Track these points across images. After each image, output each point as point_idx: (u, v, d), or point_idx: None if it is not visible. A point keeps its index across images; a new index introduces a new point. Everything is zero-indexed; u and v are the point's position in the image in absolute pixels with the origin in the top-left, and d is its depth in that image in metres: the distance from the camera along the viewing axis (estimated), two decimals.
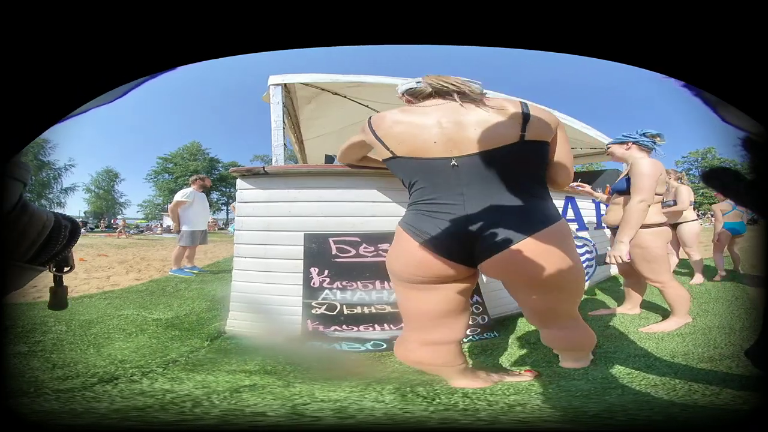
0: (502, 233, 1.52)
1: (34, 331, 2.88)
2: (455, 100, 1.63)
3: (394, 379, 2.01)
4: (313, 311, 2.79)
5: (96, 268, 6.95)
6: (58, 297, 0.89)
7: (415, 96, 1.75)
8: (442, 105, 1.64)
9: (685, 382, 1.78)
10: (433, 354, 1.77)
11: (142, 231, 30.75)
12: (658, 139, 3.04)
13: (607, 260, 2.77)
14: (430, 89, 1.70)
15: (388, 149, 1.68)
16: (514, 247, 1.51)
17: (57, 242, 0.76)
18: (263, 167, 3.00)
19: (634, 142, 3.05)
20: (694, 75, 0.58)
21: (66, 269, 0.85)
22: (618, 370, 1.99)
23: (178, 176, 48.94)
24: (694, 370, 1.96)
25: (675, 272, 5.05)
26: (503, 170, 1.55)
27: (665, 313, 3.20)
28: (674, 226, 4.84)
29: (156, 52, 0.60)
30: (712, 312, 3.30)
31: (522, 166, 1.59)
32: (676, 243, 5.09)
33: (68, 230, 0.78)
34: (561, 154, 1.72)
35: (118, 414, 1.48)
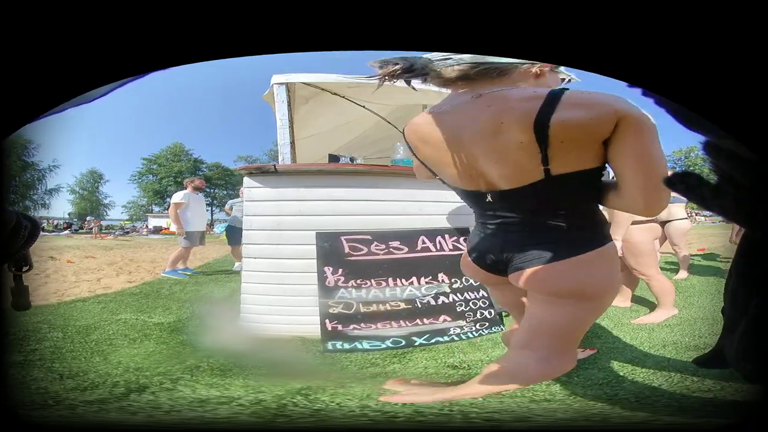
0: (522, 258, 1.38)
1: (28, 338, 2.79)
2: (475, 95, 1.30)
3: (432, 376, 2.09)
4: (331, 310, 2.77)
5: (85, 270, 6.82)
6: (20, 297, 0.90)
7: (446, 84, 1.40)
8: (459, 108, 1.33)
9: (677, 372, 1.89)
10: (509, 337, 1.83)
11: (127, 232, 30.32)
12: None
13: None
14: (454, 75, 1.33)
15: (431, 171, 1.54)
16: (527, 270, 1.37)
17: (16, 241, 0.78)
18: (274, 165, 2.97)
19: None
20: (654, 82, 0.59)
21: (25, 268, 0.89)
22: (620, 360, 2.10)
23: (162, 177, 48.72)
24: (680, 360, 2.08)
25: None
26: (536, 203, 1.32)
27: (653, 306, 3.36)
28: (662, 223, 4.94)
29: (142, 53, 0.59)
30: (696, 305, 3.54)
31: (553, 201, 1.31)
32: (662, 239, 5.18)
33: (28, 230, 0.79)
34: (640, 165, 1.12)
35: (167, 421, 1.44)
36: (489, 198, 1.37)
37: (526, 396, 1.68)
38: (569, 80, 1.45)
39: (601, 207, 1.38)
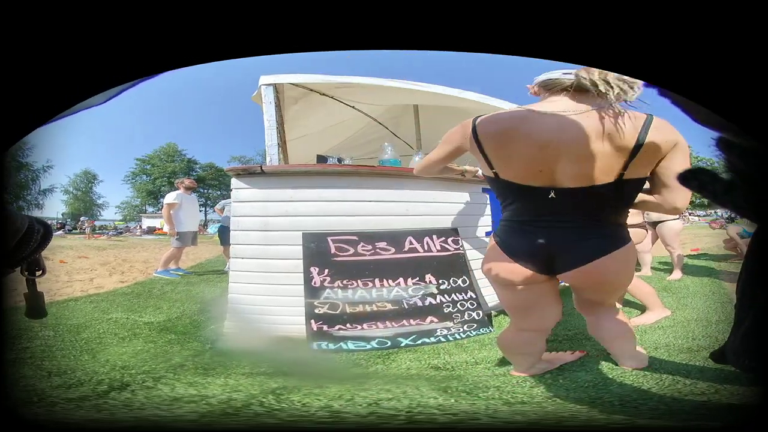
0: (579, 254, 1.64)
1: (20, 337, 2.80)
2: (586, 106, 1.54)
3: (416, 377, 2.08)
4: (316, 311, 2.78)
5: (77, 270, 6.80)
6: (35, 303, 0.91)
7: (548, 88, 1.66)
8: (557, 118, 1.53)
9: (669, 374, 1.85)
10: (523, 340, 1.95)
11: (121, 232, 30.18)
12: None
13: None
14: (567, 84, 1.60)
15: (492, 168, 1.67)
16: (587, 265, 1.64)
17: (28, 245, 0.78)
18: (260, 166, 2.99)
19: None
20: (663, 78, 0.60)
21: (38, 273, 0.88)
22: (610, 362, 2.06)
23: (156, 177, 48.56)
24: (673, 363, 2.05)
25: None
26: (594, 203, 1.60)
27: (644, 308, 3.31)
28: (654, 223, 5.03)
29: (150, 55, 0.60)
30: (690, 306, 3.43)
31: (613, 201, 1.62)
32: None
33: (40, 234, 0.80)
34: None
35: (142, 421, 1.46)
36: (552, 194, 1.58)
37: (502, 398, 1.68)
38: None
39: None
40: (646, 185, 1.66)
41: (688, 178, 0.65)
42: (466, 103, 4.31)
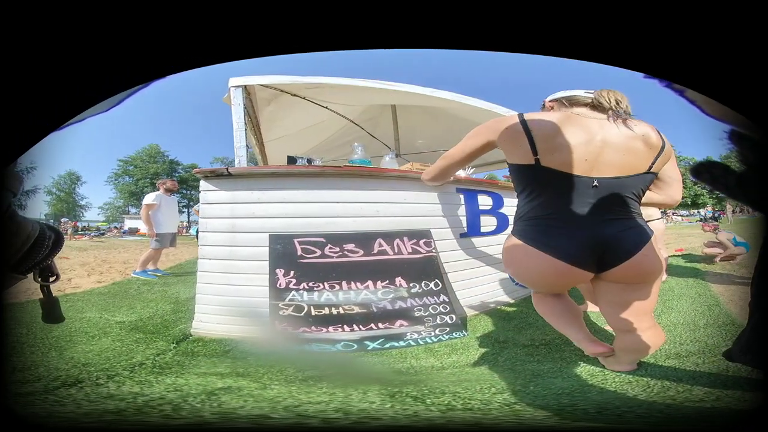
0: (628, 244, 1.77)
1: None
2: (607, 116, 1.81)
3: (376, 380, 2.04)
4: (281, 312, 2.78)
5: None
6: (51, 309, 0.93)
7: (572, 103, 1.89)
8: (598, 120, 1.79)
9: (658, 380, 1.82)
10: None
11: (103, 233, 29.82)
12: None
13: None
14: (588, 101, 1.86)
15: (536, 155, 1.77)
16: (637, 255, 1.77)
17: (40, 252, 0.79)
18: (227, 168, 3.01)
19: None
20: (677, 74, 0.60)
21: (52, 279, 0.90)
22: (591, 369, 2.05)
23: (138, 179, 48.28)
24: (661, 368, 2.01)
25: None
26: (629, 192, 1.78)
27: None
28: None
29: (153, 61, 0.62)
30: (675, 309, 3.31)
31: (640, 190, 1.83)
32: None
33: (51, 240, 0.81)
34: (675, 173, 1.94)
35: (87, 418, 1.47)
36: (596, 183, 1.74)
37: (452, 404, 1.64)
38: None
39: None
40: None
41: (700, 171, 0.65)
42: (443, 102, 4.34)
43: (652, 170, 1.80)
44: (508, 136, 1.84)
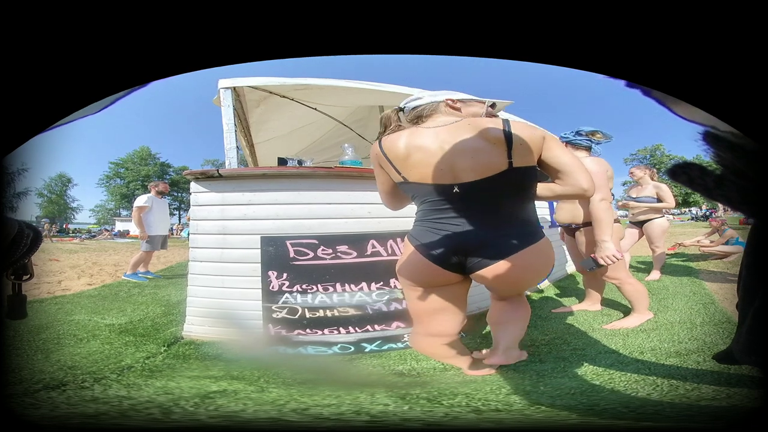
0: (491, 251, 1.72)
1: None
2: (454, 120, 1.78)
3: (376, 383, 2.07)
4: (274, 315, 2.77)
5: (47, 273, 6.71)
6: (16, 306, 0.89)
7: (419, 117, 1.87)
8: (443, 127, 1.76)
9: (665, 378, 1.83)
10: (434, 345, 1.97)
11: (94, 236, 29.59)
12: (599, 135, 3.05)
13: (601, 262, 2.72)
14: (428, 111, 1.85)
15: (401, 174, 1.80)
16: (496, 264, 1.72)
17: (17, 250, 0.78)
18: (217, 170, 2.99)
19: (568, 142, 3.07)
20: (641, 74, 0.60)
21: (25, 277, 0.87)
22: (595, 368, 2.04)
23: (130, 181, 48.57)
24: (664, 366, 2.01)
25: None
26: (497, 194, 1.71)
27: (626, 310, 3.25)
28: (640, 223, 5.07)
29: (142, 64, 0.61)
30: (672, 308, 3.34)
31: (513, 190, 1.74)
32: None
33: (30, 239, 0.79)
34: (565, 160, 1.73)
35: (61, 420, 1.44)
36: (456, 189, 1.70)
37: (470, 406, 1.65)
38: (492, 104, 1.92)
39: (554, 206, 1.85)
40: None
41: (676, 172, 0.62)
42: None
43: (514, 166, 1.68)
44: (378, 162, 1.89)
